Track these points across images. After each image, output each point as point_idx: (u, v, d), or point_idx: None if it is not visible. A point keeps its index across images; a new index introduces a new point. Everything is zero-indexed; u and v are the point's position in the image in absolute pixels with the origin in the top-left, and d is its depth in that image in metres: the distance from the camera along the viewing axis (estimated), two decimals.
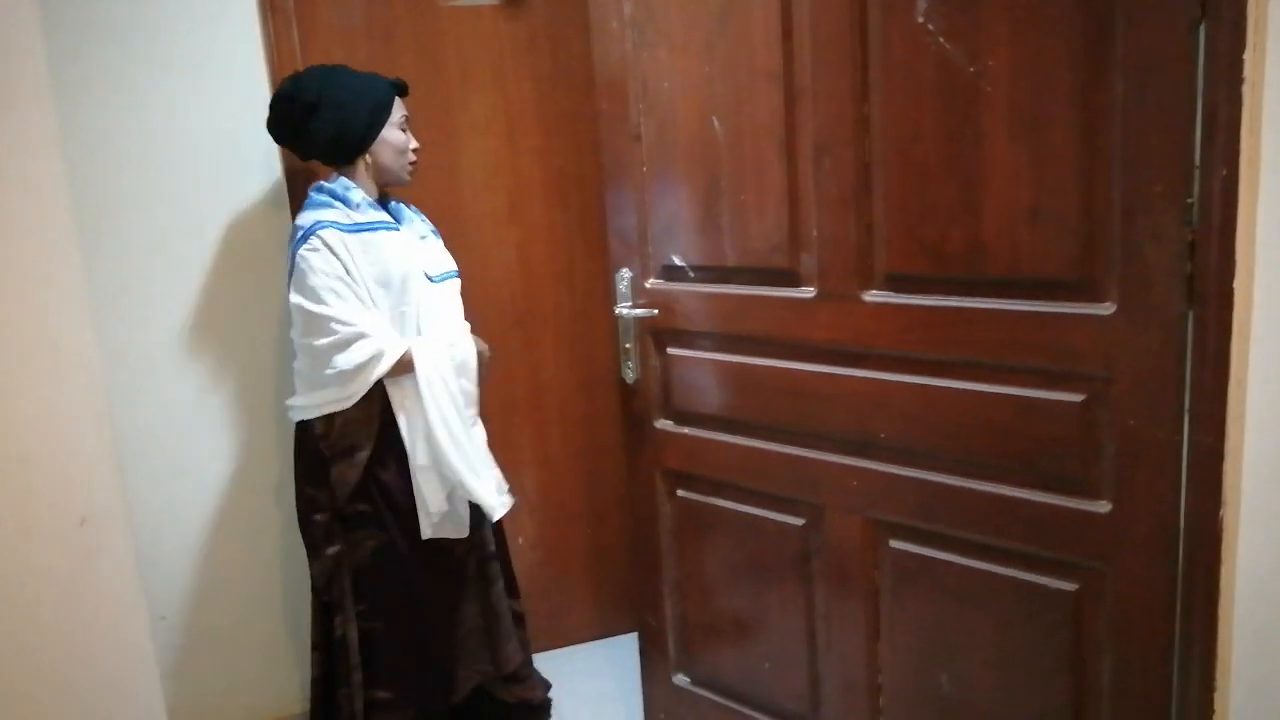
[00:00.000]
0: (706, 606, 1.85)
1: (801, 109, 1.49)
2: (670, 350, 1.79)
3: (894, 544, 1.53)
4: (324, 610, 1.93)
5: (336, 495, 1.84)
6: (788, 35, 1.48)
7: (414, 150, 1.93)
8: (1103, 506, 1.28)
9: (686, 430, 1.80)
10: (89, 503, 0.99)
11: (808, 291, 1.55)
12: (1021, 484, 1.36)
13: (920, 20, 1.33)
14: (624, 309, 1.81)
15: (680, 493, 1.84)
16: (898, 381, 1.47)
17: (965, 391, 1.39)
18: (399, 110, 1.89)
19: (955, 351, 1.39)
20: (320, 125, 1.81)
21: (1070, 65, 1.20)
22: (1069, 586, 1.33)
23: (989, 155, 1.30)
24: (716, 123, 1.60)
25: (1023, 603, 1.39)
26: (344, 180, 1.85)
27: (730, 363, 1.69)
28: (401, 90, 1.91)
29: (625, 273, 1.80)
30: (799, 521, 1.66)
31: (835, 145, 1.46)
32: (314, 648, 1.98)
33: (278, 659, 2.29)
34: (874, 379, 1.50)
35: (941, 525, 1.46)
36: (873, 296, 1.47)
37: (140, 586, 1.12)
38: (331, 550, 1.87)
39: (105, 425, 1.06)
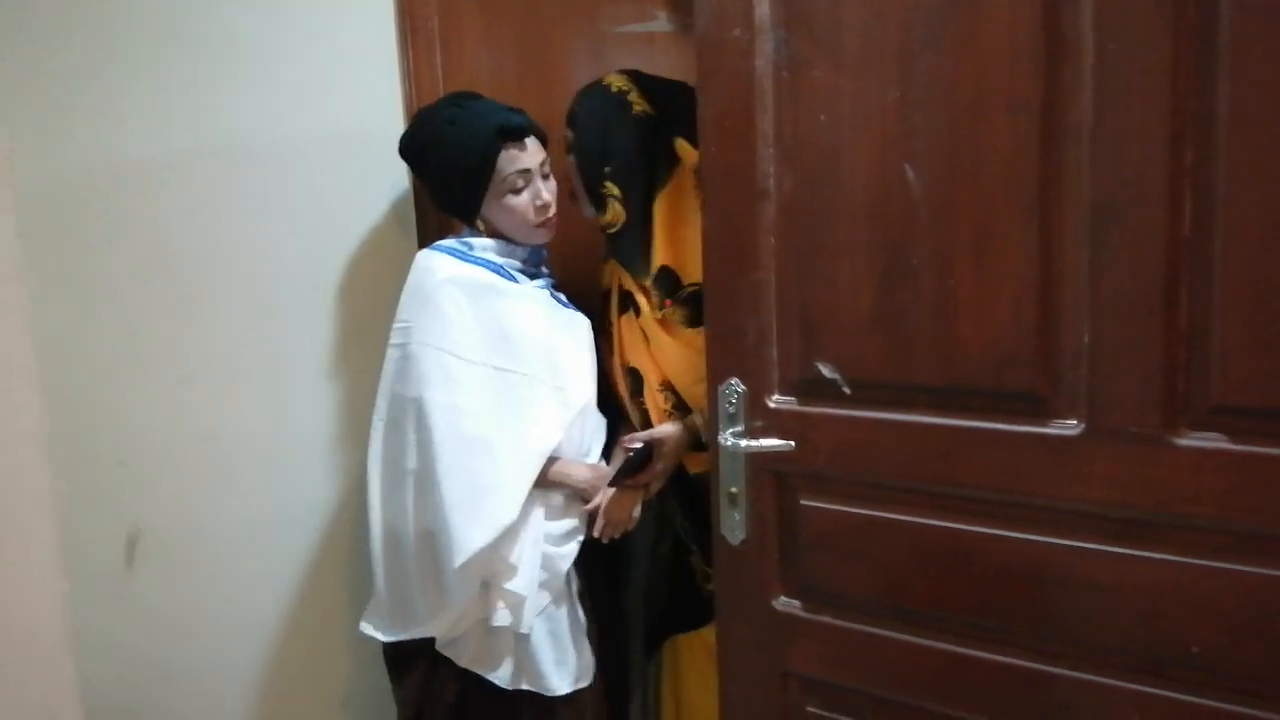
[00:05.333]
0: None
1: (1069, 153, 0.99)
2: (806, 501, 1.23)
3: None
4: None
5: None
6: (1052, 46, 0.99)
7: (539, 207, 1.52)
8: None
9: (827, 618, 1.23)
10: None
11: (1068, 427, 1.03)
12: None
13: None
14: (732, 437, 1.24)
15: (813, 709, 1.26)
16: (1227, 570, 0.96)
17: None
18: (514, 165, 1.49)
19: None
20: (430, 188, 1.59)
21: None
22: None
23: None
24: (911, 172, 1.08)
25: None
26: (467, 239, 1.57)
27: (917, 525, 1.14)
28: (516, 133, 1.48)
29: (735, 385, 1.24)
30: None
31: (1134, 208, 0.96)
32: None
33: None
34: (1184, 564, 0.98)
35: None
36: (1192, 440, 0.96)
37: None
38: (412, 678, 1.55)
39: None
